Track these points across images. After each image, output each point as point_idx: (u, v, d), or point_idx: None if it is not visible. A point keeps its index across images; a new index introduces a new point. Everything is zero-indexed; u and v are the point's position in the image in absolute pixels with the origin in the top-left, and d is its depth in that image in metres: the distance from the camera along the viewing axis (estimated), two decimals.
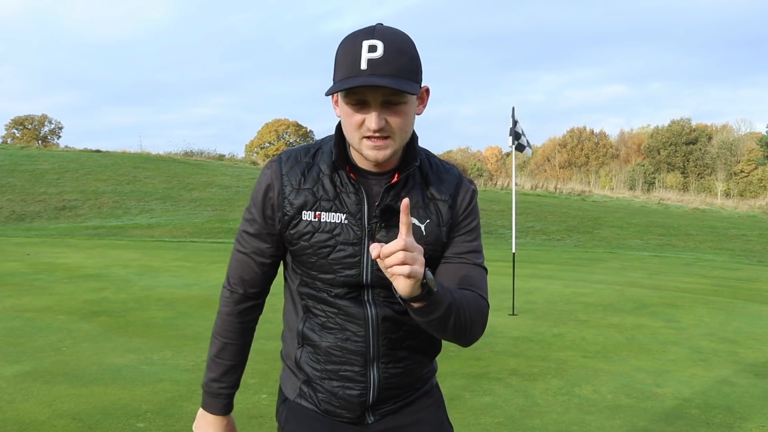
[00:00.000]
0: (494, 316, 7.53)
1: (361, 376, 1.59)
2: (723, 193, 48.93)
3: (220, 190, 27.05)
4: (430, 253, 1.53)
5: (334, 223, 1.51)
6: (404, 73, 1.38)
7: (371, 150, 1.43)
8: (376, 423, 1.64)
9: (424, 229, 1.53)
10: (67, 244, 15.78)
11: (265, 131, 66.17)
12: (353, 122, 1.42)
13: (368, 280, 1.53)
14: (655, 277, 11.63)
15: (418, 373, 1.66)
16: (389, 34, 1.40)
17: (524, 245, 17.62)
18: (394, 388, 1.62)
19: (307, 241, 1.52)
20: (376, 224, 1.51)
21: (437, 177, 1.57)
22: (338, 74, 1.41)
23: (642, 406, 4.44)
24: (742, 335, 6.77)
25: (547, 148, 72.34)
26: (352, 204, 1.51)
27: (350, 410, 1.61)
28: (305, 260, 1.55)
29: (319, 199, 1.51)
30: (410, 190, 1.53)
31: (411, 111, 1.45)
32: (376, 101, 1.39)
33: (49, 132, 63.41)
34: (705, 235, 21.31)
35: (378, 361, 1.59)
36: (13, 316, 7.01)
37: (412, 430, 1.66)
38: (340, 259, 1.51)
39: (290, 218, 1.53)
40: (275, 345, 5.89)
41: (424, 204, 1.54)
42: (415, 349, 1.63)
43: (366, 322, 1.56)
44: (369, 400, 1.61)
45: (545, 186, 37.15)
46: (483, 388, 4.75)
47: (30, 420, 3.93)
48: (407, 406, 1.67)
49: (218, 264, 12.11)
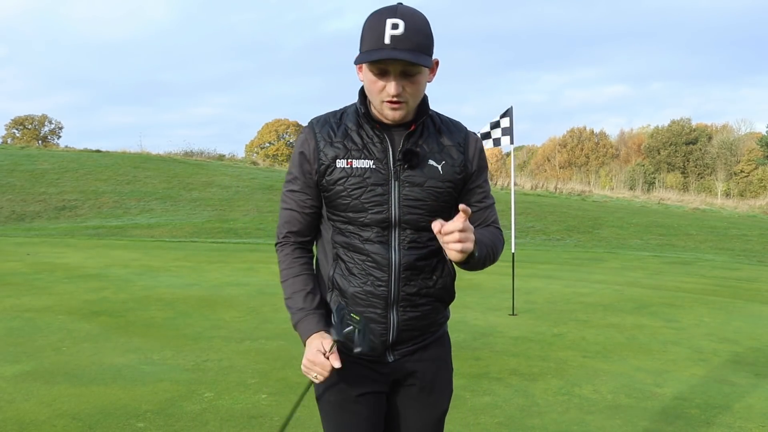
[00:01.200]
0: (494, 316, 7.53)
1: (383, 318, 1.81)
2: (723, 193, 48.91)
3: (220, 190, 27.04)
4: (448, 190, 1.80)
5: (364, 168, 1.76)
6: (421, 48, 1.64)
7: (389, 111, 1.71)
8: (395, 362, 1.87)
9: (441, 170, 1.80)
10: (67, 244, 15.78)
11: (265, 131, 66.14)
12: (376, 88, 1.69)
13: (396, 216, 1.77)
14: (655, 277, 11.63)
15: (433, 317, 1.89)
16: (409, 15, 1.64)
17: (524, 245, 17.62)
18: (412, 330, 1.85)
19: (342, 185, 1.76)
20: (401, 166, 1.76)
21: (447, 128, 1.85)
22: (364, 46, 1.66)
23: (642, 406, 4.44)
24: (742, 335, 6.77)
25: (547, 148, 72.32)
26: (379, 151, 1.77)
27: (374, 349, 1.79)
28: (340, 203, 1.78)
29: (349, 150, 1.77)
30: (426, 138, 1.81)
31: (424, 80, 1.71)
32: (395, 71, 1.65)
33: (49, 132, 63.38)
34: (705, 235, 21.31)
35: (398, 305, 1.82)
36: (13, 316, 7.01)
37: (422, 367, 1.90)
38: (371, 198, 1.75)
39: (326, 167, 1.77)
40: (275, 345, 5.89)
41: (439, 149, 1.81)
42: (431, 296, 1.86)
43: (389, 268, 1.78)
44: (389, 339, 1.83)
45: (545, 186, 37.13)
46: (483, 388, 4.75)
47: (30, 420, 3.93)
48: (421, 349, 1.90)
49: (218, 264, 12.11)
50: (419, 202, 1.77)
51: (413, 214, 1.77)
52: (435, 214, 1.77)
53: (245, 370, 5.06)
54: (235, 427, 3.88)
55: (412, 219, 1.77)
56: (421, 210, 1.77)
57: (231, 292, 8.92)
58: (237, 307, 7.74)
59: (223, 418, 4.01)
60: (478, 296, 8.87)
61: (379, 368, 1.86)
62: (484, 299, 8.64)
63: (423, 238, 1.79)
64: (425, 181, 1.77)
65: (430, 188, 1.77)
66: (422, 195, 1.77)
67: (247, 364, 5.24)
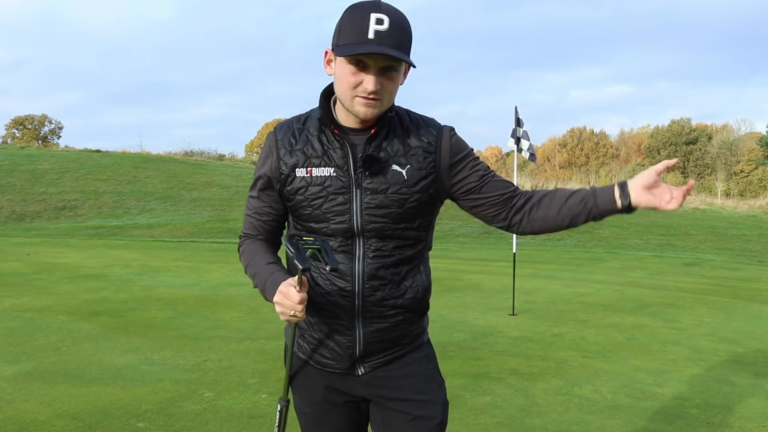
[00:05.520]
0: (494, 316, 7.52)
1: (348, 330, 1.74)
2: (723, 193, 48.88)
3: (220, 190, 27.04)
4: (416, 196, 1.70)
5: (324, 177, 1.69)
6: (403, 46, 1.59)
7: (363, 107, 1.62)
8: (367, 374, 1.79)
9: (406, 174, 1.70)
10: (67, 244, 15.78)
11: (265, 131, 66.18)
12: (351, 81, 1.60)
13: (359, 225, 1.69)
14: (655, 277, 11.63)
15: (404, 329, 1.79)
16: (393, 11, 1.59)
17: (524, 245, 17.61)
18: (380, 342, 1.76)
19: (302, 194, 1.70)
20: (361, 173, 1.68)
21: (416, 128, 1.74)
22: (344, 38, 1.59)
23: (642, 406, 4.43)
24: (742, 335, 6.77)
25: (547, 148, 72.32)
26: (339, 158, 1.69)
27: (339, 361, 1.77)
28: (301, 213, 1.72)
29: (309, 157, 1.70)
30: (391, 140, 1.71)
31: (399, 79, 1.65)
32: (376, 67, 1.58)
33: (49, 132, 63.41)
34: (705, 235, 21.30)
35: (363, 316, 1.73)
36: (13, 316, 7.01)
37: (401, 382, 1.80)
38: (332, 208, 1.68)
39: (286, 176, 1.72)
40: (275, 345, 5.89)
41: (404, 152, 1.71)
42: (400, 307, 1.76)
43: (353, 278, 1.71)
44: (356, 352, 1.76)
45: (545, 186, 37.13)
46: (483, 388, 4.74)
47: (30, 420, 3.93)
48: (397, 359, 1.80)
49: (218, 264, 12.11)
50: (383, 210, 1.68)
51: (377, 222, 1.68)
52: (401, 221, 1.70)
53: (245, 370, 5.06)
54: (235, 427, 3.88)
55: (376, 228, 1.69)
56: (385, 218, 1.69)
57: (231, 292, 8.92)
58: (237, 307, 7.74)
59: (223, 418, 4.01)
60: (478, 296, 8.87)
61: (349, 380, 1.80)
62: (484, 299, 8.64)
63: (389, 246, 1.71)
64: (388, 188, 1.68)
65: (394, 195, 1.68)
66: (386, 202, 1.68)
67: (247, 364, 5.24)
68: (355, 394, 1.82)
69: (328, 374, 1.81)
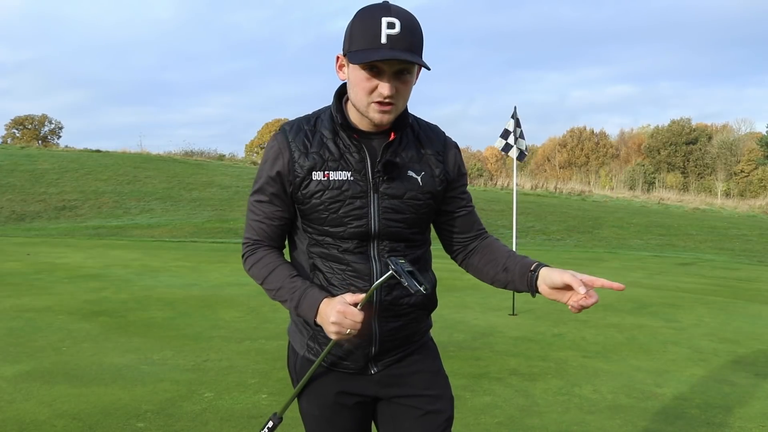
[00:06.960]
0: (494, 316, 7.52)
1: (365, 329, 1.70)
2: (723, 193, 48.89)
3: (220, 190, 27.04)
4: (428, 202, 1.75)
5: (341, 180, 1.67)
6: (416, 48, 1.59)
7: (378, 113, 1.62)
8: (379, 373, 1.81)
9: (421, 181, 1.73)
10: (67, 244, 15.77)
11: (265, 131, 66.16)
12: (366, 87, 1.60)
13: (375, 229, 1.70)
14: (655, 277, 11.63)
15: (415, 327, 1.83)
16: (403, 13, 1.58)
17: (524, 245, 17.61)
18: (394, 340, 1.79)
19: (318, 198, 1.68)
20: (380, 178, 1.68)
21: (426, 136, 1.78)
22: (357, 44, 1.58)
23: (642, 406, 4.44)
24: (742, 335, 6.77)
25: (547, 148, 72.33)
26: (357, 162, 1.68)
27: (354, 361, 1.78)
28: (317, 217, 1.69)
29: (326, 160, 1.68)
30: (405, 147, 1.73)
31: (413, 81, 1.65)
32: (390, 71, 1.58)
33: (49, 132, 63.37)
34: (705, 235, 21.31)
35: (380, 316, 1.74)
36: (13, 316, 7.00)
37: (411, 378, 1.83)
38: (349, 212, 1.68)
39: (301, 180, 1.68)
40: (275, 345, 5.89)
41: (418, 158, 1.74)
42: (413, 305, 1.78)
43: (371, 278, 1.70)
44: (372, 351, 1.77)
45: (545, 186, 37.14)
46: (483, 388, 4.74)
47: (30, 420, 3.93)
48: (407, 357, 1.83)
49: (218, 264, 12.11)
50: (399, 215, 1.71)
51: (393, 227, 1.71)
52: (414, 225, 1.74)
53: (245, 370, 5.06)
54: (235, 427, 3.88)
55: (393, 232, 1.71)
56: (401, 223, 1.71)
57: (231, 292, 8.92)
58: (237, 307, 7.74)
59: (223, 418, 4.01)
60: (478, 296, 8.87)
61: (362, 380, 1.81)
62: (484, 299, 8.64)
63: (401, 246, 1.74)
64: (405, 193, 1.71)
65: (409, 200, 1.71)
66: (402, 207, 1.70)
67: (247, 364, 5.24)
68: (366, 394, 1.83)
69: (339, 375, 1.80)
